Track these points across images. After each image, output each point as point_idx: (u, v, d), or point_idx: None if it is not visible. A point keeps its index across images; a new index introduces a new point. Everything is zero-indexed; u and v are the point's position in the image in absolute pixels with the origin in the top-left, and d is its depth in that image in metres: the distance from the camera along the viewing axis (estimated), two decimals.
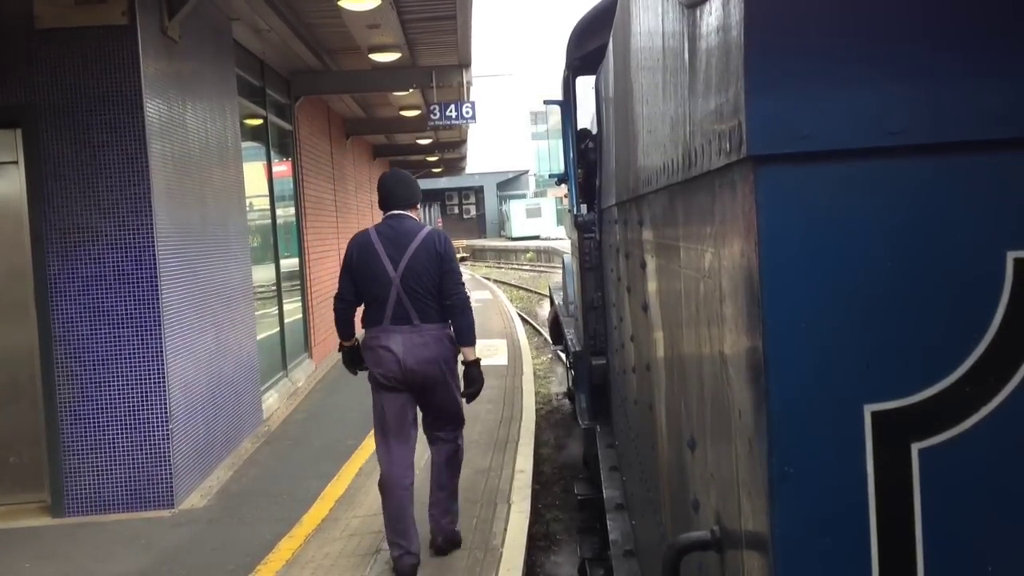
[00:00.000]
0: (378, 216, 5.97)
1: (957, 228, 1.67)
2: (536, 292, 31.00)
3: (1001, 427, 1.67)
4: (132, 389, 7.25)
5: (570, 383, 10.45)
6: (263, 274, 11.52)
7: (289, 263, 13.21)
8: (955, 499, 1.70)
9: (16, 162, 7.25)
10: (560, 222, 54.43)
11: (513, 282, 36.77)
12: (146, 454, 7.28)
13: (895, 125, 1.65)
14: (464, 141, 25.51)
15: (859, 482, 1.70)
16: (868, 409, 1.69)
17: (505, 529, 6.60)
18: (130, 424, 7.26)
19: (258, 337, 10.53)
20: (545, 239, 52.69)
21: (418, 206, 6.03)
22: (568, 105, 8.63)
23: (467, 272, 38.81)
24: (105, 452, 7.26)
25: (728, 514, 2.20)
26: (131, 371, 7.24)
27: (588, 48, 7.87)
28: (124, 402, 7.25)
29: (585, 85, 8.48)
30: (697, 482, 2.67)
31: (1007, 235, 1.65)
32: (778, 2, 1.68)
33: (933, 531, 1.70)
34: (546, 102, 10.11)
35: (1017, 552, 1.71)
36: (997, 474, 1.68)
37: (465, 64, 13.96)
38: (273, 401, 11.18)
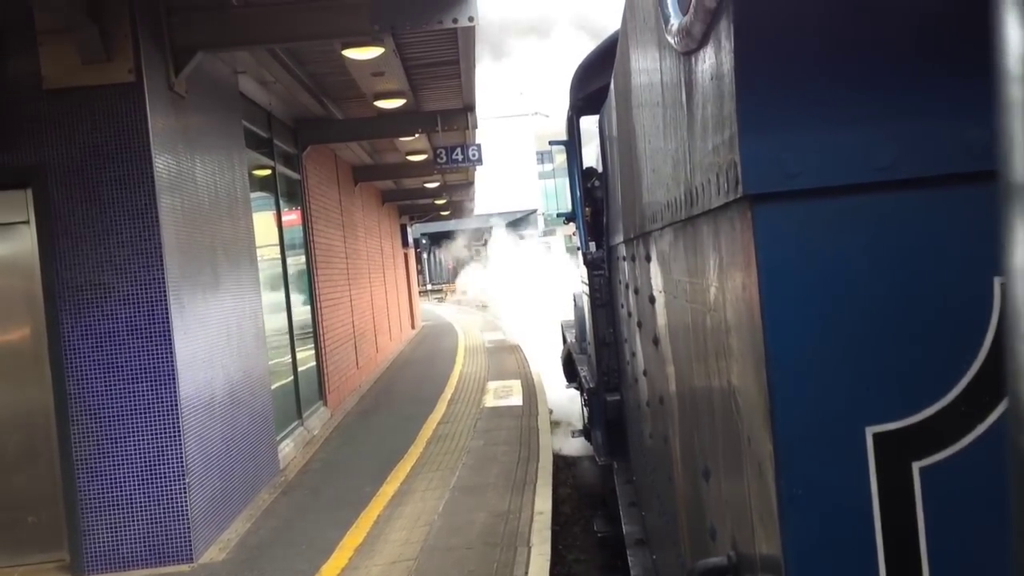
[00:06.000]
0: (387, 262, 6.02)
1: (945, 256, 1.77)
2: None
3: (997, 443, 1.74)
4: (148, 444, 7.25)
5: (585, 420, 10.42)
6: (276, 323, 11.54)
7: (301, 311, 13.24)
8: (956, 514, 1.78)
9: (27, 222, 7.32)
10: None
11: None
12: (164, 509, 7.26)
13: (881, 161, 1.76)
14: (471, 183, 25.63)
15: (864, 501, 1.79)
16: (869, 431, 1.78)
17: (526, 573, 6.53)
18: (147, 479, 7.25)
19: (272, 386, 10.53)
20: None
21: None
22: (573, 145, 8.69)
23: (479, 316, 38.74)
24: (123, 508, 7.24)
25: (743, 538, 2.28)
26: (146, 426, 7.24)
27: (590, 89, 7.95)
28: (140, 457, 7.24)
29: (588, 124, 8.55)
30: (713, 510, 2.74)
31: (993, 261, 1.72)
32: (766, 50, 1.78)
33: (937, 545, 1.78)
34: (551, 143, 10.17)
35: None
36: (995, 488, 1.74)
37: (470, 107, 14.06)
38: (289, 450, 11.15)
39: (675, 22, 2.45)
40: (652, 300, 4.05)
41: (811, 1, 1.76)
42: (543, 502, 8.32)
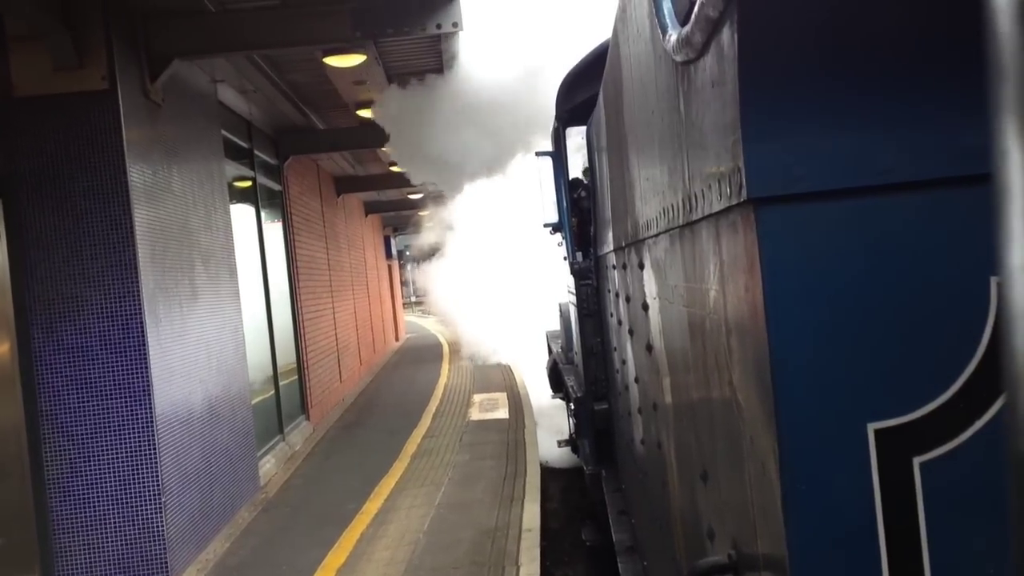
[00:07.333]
0: (371, 274, 5.85)
1: (944, 257, 1.83)
2: None
3: (994, 438, 1.78)
4: (122, 462, 7.02)
5: (571, 430, 10.29)
6: (256, 336, 11.31)
7: (283, 324, 13.02)
8: (956, 507, 1.83)
9: None
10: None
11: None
12: (139, 529, 7.02)
13: (881, 165, 1.83)
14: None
15: (866, 495, 1.83)
16: (871, 427, 1.83)
17: None
18: (121, 498, 7.02)
19: (253, 401, 10.31)
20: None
21: None
22: (559, 156, 8.58)
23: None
24: (96, 529, 7.00)
25: (744, 537, 2.34)
26: (121, 443, 7.01)
27: (576, 100, 7.88)
28: (115, 476, 7.01)
29: (574, 135, 8.45)
30: (711, 511, 2.79)
31: (990, 262, 1.69)
32: (769, 57, 1.84)
33: (937, 537, 1.82)
34: (538, 154, 10.04)
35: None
36: (993, 482, 1.77)
37: None
38: (270, 467, 10.92)
39: (673, 33, 2.49)
40: (645, 307, 3.97)
41: (811, 10, 1.81)
42: (531, 519, 8.14)
